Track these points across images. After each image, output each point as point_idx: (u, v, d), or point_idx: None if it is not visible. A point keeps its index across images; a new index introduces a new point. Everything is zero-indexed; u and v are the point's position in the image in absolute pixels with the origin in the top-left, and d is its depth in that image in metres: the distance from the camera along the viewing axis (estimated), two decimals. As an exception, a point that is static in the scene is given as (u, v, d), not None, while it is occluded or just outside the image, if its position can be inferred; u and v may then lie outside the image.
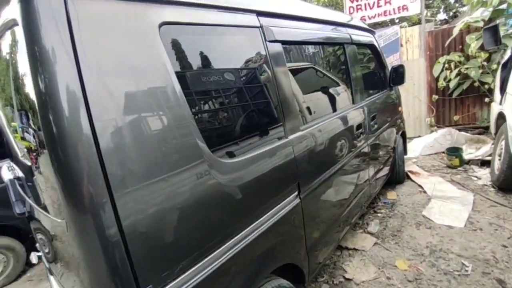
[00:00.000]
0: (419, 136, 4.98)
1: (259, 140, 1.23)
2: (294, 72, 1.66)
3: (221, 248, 1.00)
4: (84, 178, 0.68)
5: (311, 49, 1.91)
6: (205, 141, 0.96)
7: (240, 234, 1.09)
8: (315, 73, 1.90)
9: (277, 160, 1.28)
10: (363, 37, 2.57)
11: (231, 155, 1.09)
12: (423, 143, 4.43)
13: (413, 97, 5.02)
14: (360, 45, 2.49)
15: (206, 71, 1.07)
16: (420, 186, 3.30)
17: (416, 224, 2.58)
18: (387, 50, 5.02)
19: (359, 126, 2.15)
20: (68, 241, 0.78)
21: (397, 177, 3.32)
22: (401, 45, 4.95)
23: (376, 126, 2.50)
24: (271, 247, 1.26)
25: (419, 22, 6.29)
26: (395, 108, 3.17)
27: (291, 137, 1.38)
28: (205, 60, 1.09)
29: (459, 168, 3.63)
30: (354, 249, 2.37)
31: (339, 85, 2.15)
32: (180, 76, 0.93)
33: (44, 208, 0.93)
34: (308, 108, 1.70)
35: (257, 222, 1.17)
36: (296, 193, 1.41)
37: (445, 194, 2.97)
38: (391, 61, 5.00)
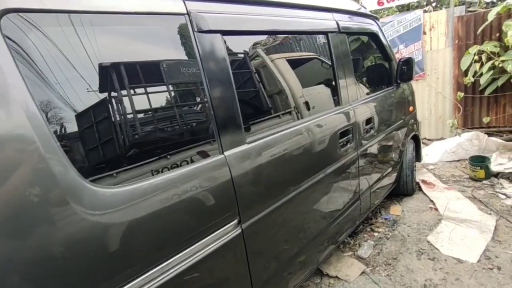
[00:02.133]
0: (442, 139, 4.35)
1: (172, 159, 0.98)
2: (246, 68, 1.35)
3: None
4: None
5: (276, 40, 1.54)
6: (75, 166, 0.76)
7: (132, 283, 0.84)
8: (281, 71, 1.52)
9: (198, 184, 1.01)
10: (360, 24, 2.12)
11: (116, 182, 0.85)
12: (444, 148, 3.83)
13: (436, 93, 4.36)
14: (354, 34, 2.05)
15: (87, 70, 0.84)
16: (431, 201, 2.80)
17: (418, 252, 2.13)
18: (407, 38, 4.39)
19: (344, 133, 1.78)
20: None
21: (404, 188, 2.84)
22: (424, 33, 4.26)
23: (372, 131, 2.10)
24: None
25: (462, 4, 5.35)
26: (405, 108, 2.69)
27: (228, 153, 1.12)
28: (87, 56, 0.85)
29: (484, 182, 3.05)
30: (336, 277, 2.01)
31: (317, 84, 1.77)
32: (35, 80, 0.74)
33: None
34: (263, 115, 1.38)
35: (162, 265, 0.91)
36: (235, 221, 1.15)
37: (460, 215, 2.45)
38: (411, 51, 4.36)
